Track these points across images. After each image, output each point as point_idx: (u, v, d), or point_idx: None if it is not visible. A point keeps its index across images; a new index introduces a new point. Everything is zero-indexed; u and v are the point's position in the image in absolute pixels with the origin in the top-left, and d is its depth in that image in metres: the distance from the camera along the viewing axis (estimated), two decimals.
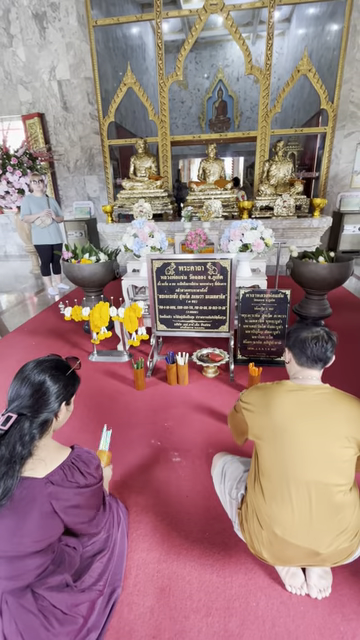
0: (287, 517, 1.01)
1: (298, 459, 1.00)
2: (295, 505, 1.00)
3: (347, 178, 5.73)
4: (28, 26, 5.54)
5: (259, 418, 1.08)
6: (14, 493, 0.87)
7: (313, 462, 0.99)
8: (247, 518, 1.12)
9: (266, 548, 1.06)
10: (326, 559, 1.03)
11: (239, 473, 1.28)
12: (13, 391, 0.96)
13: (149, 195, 5.40)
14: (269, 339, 2.50)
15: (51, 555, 0.98)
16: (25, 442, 0.90)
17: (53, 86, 5.82)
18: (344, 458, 0.99)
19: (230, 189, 5.44)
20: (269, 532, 1.04)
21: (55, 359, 1.06)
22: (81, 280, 2.92)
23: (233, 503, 1.23)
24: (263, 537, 1.06)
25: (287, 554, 1.04)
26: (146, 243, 2.60)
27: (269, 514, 1.03)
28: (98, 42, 5.56)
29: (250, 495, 1.12)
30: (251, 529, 1.10)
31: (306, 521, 1.00)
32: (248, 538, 1.12)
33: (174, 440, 1.85)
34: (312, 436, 1.00)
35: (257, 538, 1.08)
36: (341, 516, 1.00)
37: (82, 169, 6.23)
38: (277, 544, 1.04)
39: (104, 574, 1.09)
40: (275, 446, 1.03)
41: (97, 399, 2.23)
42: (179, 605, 1.12)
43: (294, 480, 1.00)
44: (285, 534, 1.01)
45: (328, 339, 1.12)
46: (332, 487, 0.98)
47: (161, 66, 5.49)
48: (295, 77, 5.32)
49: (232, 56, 9.28)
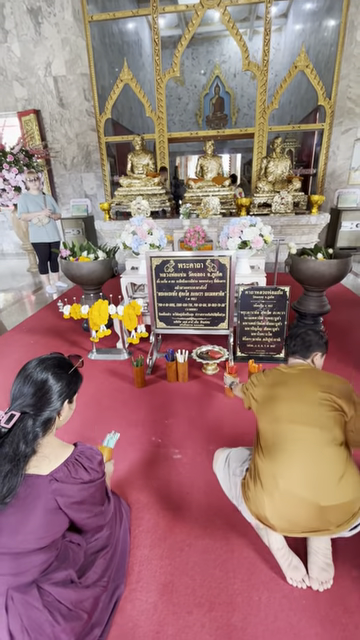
0: (286, 468, 1.11)
1: (289, 417, 1.18)
2: (293, 456, 1.12)
3: (344, 175, 5.73)
4: (23, 21, 5.47)
5: (259, 389, 1.35)
6: (19, 490, 0.87)
7: (301, 419, 1.16)
8: (249, 485, 1.20)
9: (269, 507, 1.11)
10: (329, 516, 1.07)
11: (244, 456, 1.39)
12: (16, 389, 0.97)
13: (147, 192, 5.38)
14: (268, 336, 2.50)
15: (55, 551, 0.98)
16: (28, 440, 0.91)
17: (49, 82, 5.76)
18: (324, 413, 1.16)
19: (228, 186, 5.43)
20: (271, 486, 1.11)
21: (58, 357, 1.06)
22: (80, 278, 2.91)
23: (237, 481, 1.32)
24: (265, 495, 1.12)
25: (289, 510, 1.09)
26: (145, 240, 2.59)
27: (270, 468, 1.13)
28: (94, 38, 5.51)
29: (253, 462, 1.22)
30: (254, 493, 1.16)
31: (304, 470, 1.10)
32: (252, 505, 1.17)
33: (174, 437, 1.86)
34: (298, 398, 1.21)
35: (260, 499, 1.14)
36: (336, 465, 1.10)
37: (79, 166, 6.18)
38: (279, 498, 1.09)
39: (107, 570, 1.10)
40: (271, 409, 1.24)
41: (97, 397, 2.23)
42: (182, 600, 1.13)
43: (288, 435, 1.16)
44: (286, 484, 1.08)
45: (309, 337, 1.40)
46: (321, 439, 1.12)
47: (158, 62, 5.46)
48: (292, 73, 5.30)
49: (229, 52, 9.23)
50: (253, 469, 1.22)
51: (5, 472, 0.86)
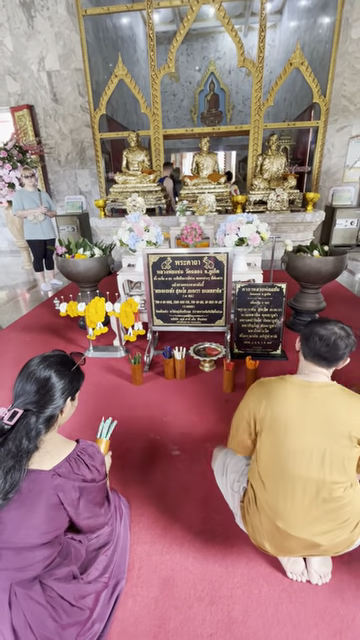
0: (287, 511, 1.02)
1: (297, 455, 1.00)
2: (295, 499, 1.01)
3: (339, 172, 5.76)
4: (15, 14, 5.38)
5: (259, 409, 1.08)
6: (21, 486, 0.88)
7: (312, 459, 0.99)
8: (249, 511, 1.13)
9: (268, 540, 1.08)
10: (327, 550, 1.06)
11: (241, 466, 1.29)
12: (19, 387, 0.97)
13: (142, 189, 5.36)
14: (265, 333, 2.52)
15: (58, 547, 0.99)
16: (31, 437, 0.91)
17: (42, 77, 5.69)
18: (344, 457, 0.98)
19: (223, 183, 5.42)
20: (271, 525, 1.05)
21: (60, 355, 1.06)
22: (76, 275, 2.89)
23: (235, 496, 1.24)
24: (264, 530, 1.08)
25: (288, 546, 1.06)
26: (142, 237, 2.58)
27: (271, 507, 1.05)
28: (88, 32, 5.45)
29: (252, 488, 1.14)
30: (253, 522, 1.11)
31: (306, 515, 1.01)
32: (250, 530, 1.14)
33: (173, 434, 1.86)
34: (312, 433, 0.99)
35: (259, 531, 1.10)
36: (341, 511, 1.01)
37: (73, 163, 6.13)
38: (279, 536, 1.05)
39: (109, 567, 1.10)
40: (273, 440, 1.03)
41: (94, 395, 2.22)
42: (183, 595, 1.14)
43: (293, 475, 1.00)
44: (287, 527, 1.02)
45: (338, 339, 1.06)
46: (331, 484, 0.99)
47: (152, 57, 5.41)
48: (287, 70, 5.30)
49: (224, 48, 9.19)
50: (252, 496, 1.12)
51: (8, 468, 0.87)
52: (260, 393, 1.11)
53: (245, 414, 1.13)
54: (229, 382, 2.18)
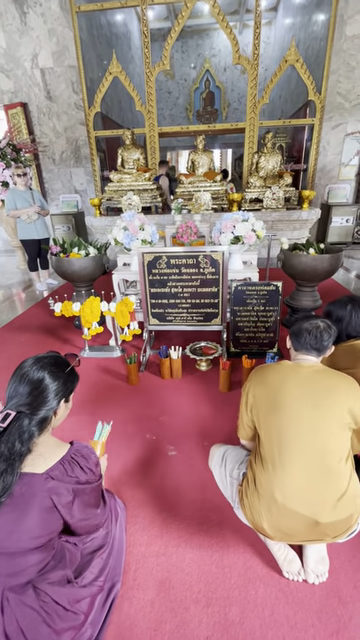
0: (286, 482, 1.05)
1: (293, 427, 1.07)
2: (293, 470, 1.05)
3: (335, 170, 5.76)
4: (8, 10, 5.31)
5: (256, 388, 1.19)
6: (14, 489, 0.86)
7: (307, 429, 1.06)
8: (247, 493, 1.15)
9: (266, 519, 1.09)
10: (326, 530, 1.06)
11: (241, 456, 1.33)
12: (12, 388, 0.96)
13: (138, 188, 5.32)
14: (261, 331, 2.51)
15: (52, 551, 0.97)
16: (24, 439, 0.90)
17: (36, 74, 5.63)
18: (337, 426, 1.06)
19: (219, 181, 5.40)
20: (269, 499, 1.07)
21: (54, 356, 1.05)
22: (71, 275, 2.87)
23: (234, 483, 1.27)
24: (262, 507, 1.09)
25: (287, 524, 1.07)
26: (136, 236, 2.56)
27: (268, 480, 1.08)
28: (82, 29, 5.39)
29: (251, 470, 1.17)
30: (251, 502, 1.12)
31: (304, 486, 1.04)
32: (248, 513, 1.14)
33: (169, 434, 1.85)
34: (306, 406, 1.08)
35: (257, 510, 1.10)
36: (338, 483, 1.05)
37: (68, 161, 6.07)
38: (276, 512, 1.06)
39: (104, 570, 1.09)
40: (271, 414, 1.12)
41: (90, 395, 2.21)
42: (179, 597, 1.13)
43: (291, 446, 1.06)
44: (285, 500, 1.04)
45: (323, 331, 1.22)
46: (327, 454, 1.05)
47: (147, 55, 5.37)
48: (283, 67, 5.28)
49: (219, 45, 9.16)
50: (251, 477, 1.15)
51: (0, 471, 0.85)
52: (256, 377, 1.23)
53: (247, 396, 1.23)
54: (226, 381, 2.17)
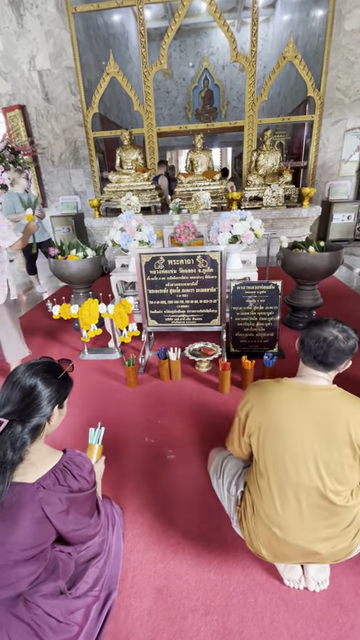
0: (285, 518, 0.99)
1: (294, 462, 0.95)
2: (292, 507, 0.97)
3: (335, 167, 5.70)
4: (4, 13, 5.31)
5: (255, 413, 1.03)
6: (4, 499, 0.84)
7: (310, 466, 0.94)
8: (246, 516, 1.09)
9: (265, 547, 1.05)
10: (326, 558, 1.02)
11: (238, 469, 1.25)
12: (4, 395, 0.94)
13: (136, 188, 5.30)
14: (261, 331, 2.48)
15: (44, 562, 0.95)
16: (16, 447, 0.88)
17: (33, 76, 5.62)
18: (344, 464, 0.93)
19: (219, 180, 5.37)
20: (268, 532, 1.02)
21: (47, 362, 1.03)
22: (69, 277, 2.85)
23: (232, 499, 1.21)
24: (262, 536, 1.04)
25: (286, 553, 1.03)
26: (134, 237, 2.53)
27: (267, 514, 1.02)
28: (78, 30, 5.38)
29: (249, 494, 1.10)
30: (250, 527, 1.08)
31: (304, 523, 0.98)
32: (247, 536, 1.10)
33: (168, 437, 1.83)
34: (310, 440, 0.94)
35: (256, 536, 1.06)
36: (341, 519, 0.98)
37: (67, 163, 6.07)
38: (276, 543, 1.02)
39: (100, 579, 1.07)
40: (271, 446, 0.99)
41: (89, 398, 2.19)
42: (177, 605, 1.10)
43: (290, 482, 0.96)
44: (284, 535, 0.99)
45: (334, 343, 0.98)
46: (331, 493, 0.94)
47: (144, 54, 5.35)
48: (281, 64, 5.24)
49: (217, 44, 9.11)
50: (250, 502, 1.08)
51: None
52: (254, 398, 1.07)
53: (241, 416, 1.09)
54: (226, 382, 2.14)
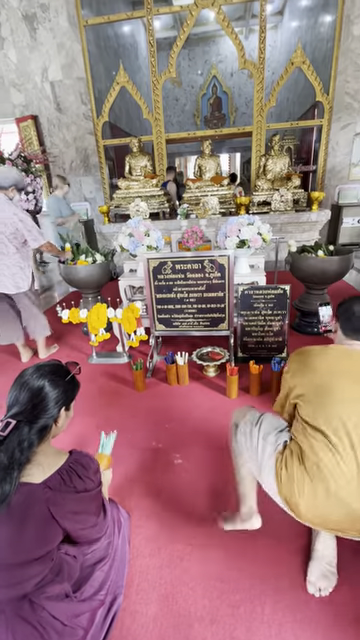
0: (341, 470, 0.94)
1: (348, 415, 0.96)
2: (349, 459, 0.94)
3: (345, 170, 5.66)
4: (18, 27, 5.49)
5: (303, 379, 1.08)
6: (11, 500, 0.85)
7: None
8: (287, 465, 1.03)
9: (307, 500, 0.98)
10: None
11: (281, 426, 1.19)
12: (12, 397, 0.96)
13: (145, 194, 5.36)
14: (270, 336, 2.46)
15: (50, 563, 0.95)
16: (24, 448, 0.89)
17: (46, 87, 5.78)
18: None
19: (227, 185, 5.39)
20: (319, 485, 0.96)
21: (54, 364, 1.05)
22: (78, 282, 2.89)
23: (267, 447, 1.13)
24: (307, 488, 0.98)
25: (329, 512, 0.97)
26: (142, 242, 2.56)
27: (324, 466, 0.96)
28: (89, 42, 5.51)
29: (296, 444, 1.05)
30: (292, 477, 1.01)
31: None
32: (285, 487, 1.03)
33: (175, 442, 1.82)
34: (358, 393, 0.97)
35: (299, 488, 0.99)
36: None
37: (77, 170, 6.18)
38: (323, 498, 0.96)
39: (105, 583, 1.06)
40: (323, 405, 1.00)
41: (97, 401, 2.20)
42: (183, 613, 1.09)
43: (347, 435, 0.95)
44: (338, 489, 0.94)
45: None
46: None
47: (153, 64, 5.44)
48: (289, 70, 5.26)
49: (225, 51, 9.20)
50: (297, 451, 1.04)
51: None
52: (299, 361, 1.13)
53: (287, 379, 1.16)
54: (233, 387, 2.13)
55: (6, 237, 2.31)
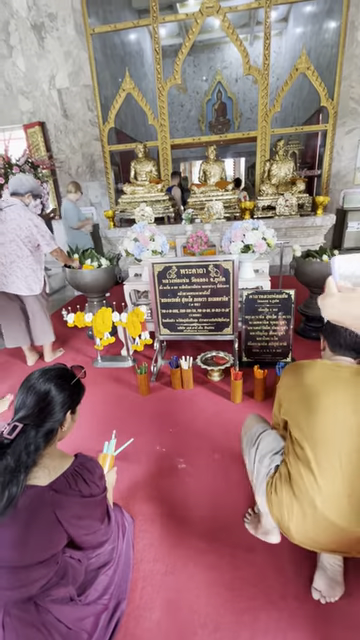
0: (327, 488, 0.95)
1: (332, 430, 0.96)
2: (334, 476, 0.94)
3: (350, 175, 5.66)
4: (27, 37, 5.60)
5: (291, 393, 1.08)
6: (18, 502, 0.86)
7: (348, 432, 0.94)
8: (277, 489, 1.06)
9: (296, 522, 1.00)
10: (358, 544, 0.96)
11: (277, 446, 1.20)
12: (19, 400, 0.98)
13: (150, 199, 5.40)
14: (274, 340, 2.46)
15: (55, 566, 0.96)
16: (30, 451, 0.90)
17: (53, 95, 5.87)
18: None
19: (231, 190, 5.41)
20: (306, 506, 0.98)
21: (60, 368, 1.07)
22: (83, 286, 2.92)
23: (261, 470, 1.16)
24: (296, 510, 1.00)
25: (318, 532, 0.97)
26: (147, 247, 2.58)
27: (308, 484, 0.98)
28: (96, 50, 5.60)
29: (285, 466, 1.07)
30: (282, 501, 1.04)
31: (347, 493, 0.93)
32: (276, 511, 1.05)
33: (179, 446, 1.82)
34: (344, 410, 0.95)
35: (288, 510, 1.02)
36: None
37: (84, 175, 6.26)
38: (311, 518, 0.97)
39: (109, 587, 1.07)
40: (308, 418, 1.00)
41: (102, 405, 2.21)
42: (187, 619, 1.08)
43: (332, 451, 0.96)
44: (325, 508, 0.94)
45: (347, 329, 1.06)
46: None
47: (159, 70, 5.51)
48: (294, 76, 5.29)
49: (230, 58, 9.29)
50: (286, 473, 1.06)
51: (6, 482, 0.85)
52: (290, 381, 1.11)
53: (280, 404, 1.15)
54: (237, 392, 2.13)
55: (21, 240, 2.40)
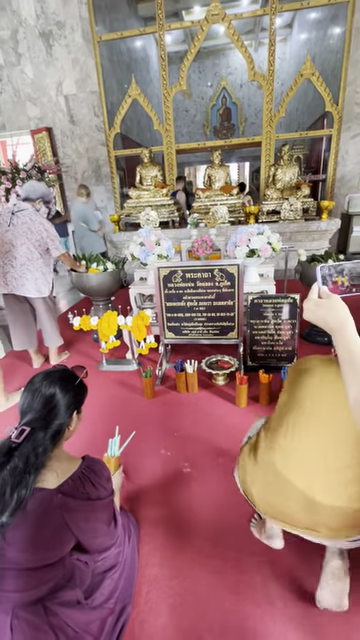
0: (291, 447, 0.94)
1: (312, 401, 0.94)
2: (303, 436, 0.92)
3: (355, 179, 5.66)
4: (35, 44, 5.70)
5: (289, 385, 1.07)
6: (26, 505, 0.87)
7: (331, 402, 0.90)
8: (245, 455, 1.10)
9: (257, 485, 1.02)
10: (325, 518, 0.91)
11: (259, 425, 1.23)
12: (25, 404, 0.99)
13: (155, 203, 5.44)
14: (279, 345, 2.46)
15: (62, 569, 0.96)
16: (38, 453, 0.91)
17: (60, 101, 5.96)
18: None
19: (236, 194, 5.44)
20: (267, 463, 0.98)
21: (62, 369, 1.08)
22: (89, 290, 2.94)
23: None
24: (257, 471, 1.02)
25: (280, 497, 0.96)
26: (152, 251, 2.60)
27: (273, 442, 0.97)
28: (103, 57, 5.68)
29: (257, 434, 1.10)
30: (247, 464, 1.07)
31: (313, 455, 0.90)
32: (241, 473, 1.09)
33: (184, 450, 1.83)
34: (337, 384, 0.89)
35: (250, 473, 1.05)
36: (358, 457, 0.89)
37: (89, 180, 6.32)
38: (272, 478, 0.96)
39: (115, 591, 1.07)
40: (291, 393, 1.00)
41: (106, 409, 2.22)
42: (192, 624, 1.08)
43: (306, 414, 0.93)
44: (284, 467, 0.93)
45: None
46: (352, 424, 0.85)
47: (165, 77, 5.57)
48: (298, 81, 5.32)
49: (235, 64, 9.36)
50: (255, 439, 1.10)
51: (15, 484, 0.86)
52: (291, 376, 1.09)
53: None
54: (242, 396, 2.13)
55: (32, 244, 2.47)
